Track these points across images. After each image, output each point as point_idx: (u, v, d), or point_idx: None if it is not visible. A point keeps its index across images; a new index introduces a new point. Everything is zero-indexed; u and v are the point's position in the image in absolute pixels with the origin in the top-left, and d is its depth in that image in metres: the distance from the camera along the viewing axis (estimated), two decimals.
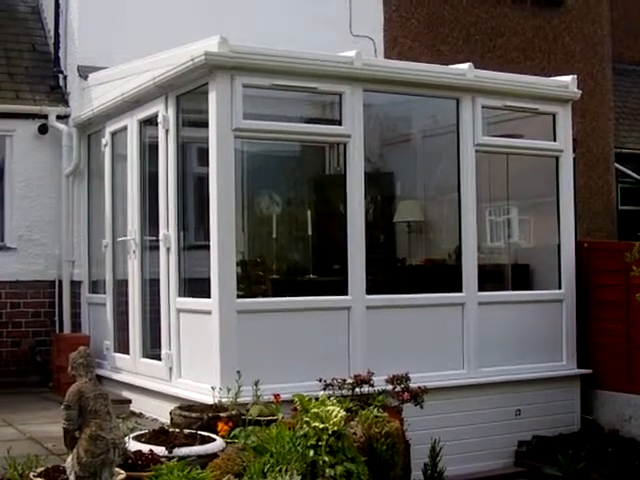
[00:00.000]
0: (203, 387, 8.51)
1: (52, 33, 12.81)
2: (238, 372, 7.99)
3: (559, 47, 15.56)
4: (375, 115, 10.46)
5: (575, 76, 10.85)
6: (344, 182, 9.31)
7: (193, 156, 10.98)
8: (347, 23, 13.40)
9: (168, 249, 9.42)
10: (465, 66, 10.06)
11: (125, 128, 10.60)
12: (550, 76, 11.21)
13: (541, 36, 15.41)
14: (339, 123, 9.35)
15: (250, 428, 7.10)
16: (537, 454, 9.93)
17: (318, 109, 10.73)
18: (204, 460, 6.49)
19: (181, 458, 6.35)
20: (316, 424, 6.53)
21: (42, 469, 5.88)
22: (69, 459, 5.44)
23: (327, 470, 6.41)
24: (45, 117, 12.11)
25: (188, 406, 7.84)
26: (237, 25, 11.11)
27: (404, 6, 14.22)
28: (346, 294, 9.18)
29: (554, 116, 10.63)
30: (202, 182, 9.31)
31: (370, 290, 9.26)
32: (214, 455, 6.62)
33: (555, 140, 10.65)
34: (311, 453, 6.44)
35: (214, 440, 6.89)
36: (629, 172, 16.96)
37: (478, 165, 10.07)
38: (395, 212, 12.01)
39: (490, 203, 11.55)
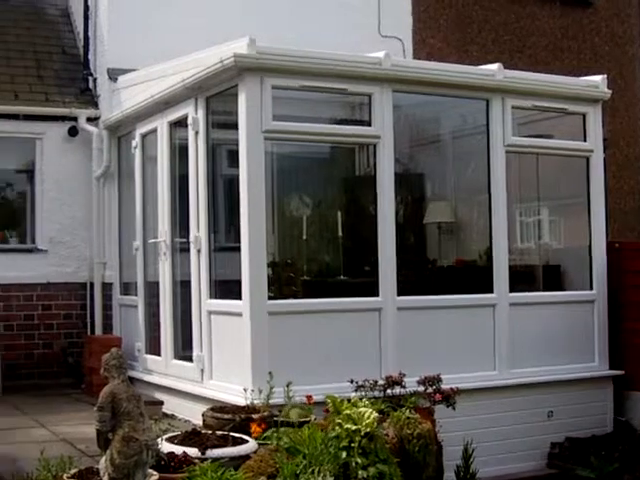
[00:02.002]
0: (235, 388, 8.50)
1: (81, 36, 12.89)
2: (270, 373, 7.97)
3: (588, 47, 15.52)
4: (405, 116, 10.42)
5: (605, 76, 10.77)
6: (374, 183, 9.28)
7: (223, 158, 10.97)
8: (376, 24, 13.39)
9: (199, 251, 9.43)
10: (495, 66, 10.01)
11: (155, 130, 10.63)
12: (579, 76, 11.12)
13: (570, 36, 15.37)
14: (369, 124, 9.32)
15: (282, 429, 7.09)
16: (570, 456, 9.86)
17: (347, 110, 10.73)
18: (237, 462, 6.50)
19: (214, 460, 6.35)
20: (348, 425, 6.52)
21: (75, 470, 5.89)
22: (102, 460, 5.44)
23: (360, 472, 6.40)
24: (75, 119, 12.18)
25: (220, 407, 7.83)
26: (265, 27, 11.08)
27: (433, 7, 14.21)
28: (377, 295, 9.14)
29: (584, 116, 10.55)
30: (232, 184, 9.29)
31: (401, 291, 9.22)
32: (247, 457, 6.62)
33: (585, 140, 10.57)
34: (343, 455, 6.43)
35: (246, 442, 6.89)
36: None
37: (508, 166, 10.02)
38: (425, 213, 11.97)
39: (521, 204, 11.52)
